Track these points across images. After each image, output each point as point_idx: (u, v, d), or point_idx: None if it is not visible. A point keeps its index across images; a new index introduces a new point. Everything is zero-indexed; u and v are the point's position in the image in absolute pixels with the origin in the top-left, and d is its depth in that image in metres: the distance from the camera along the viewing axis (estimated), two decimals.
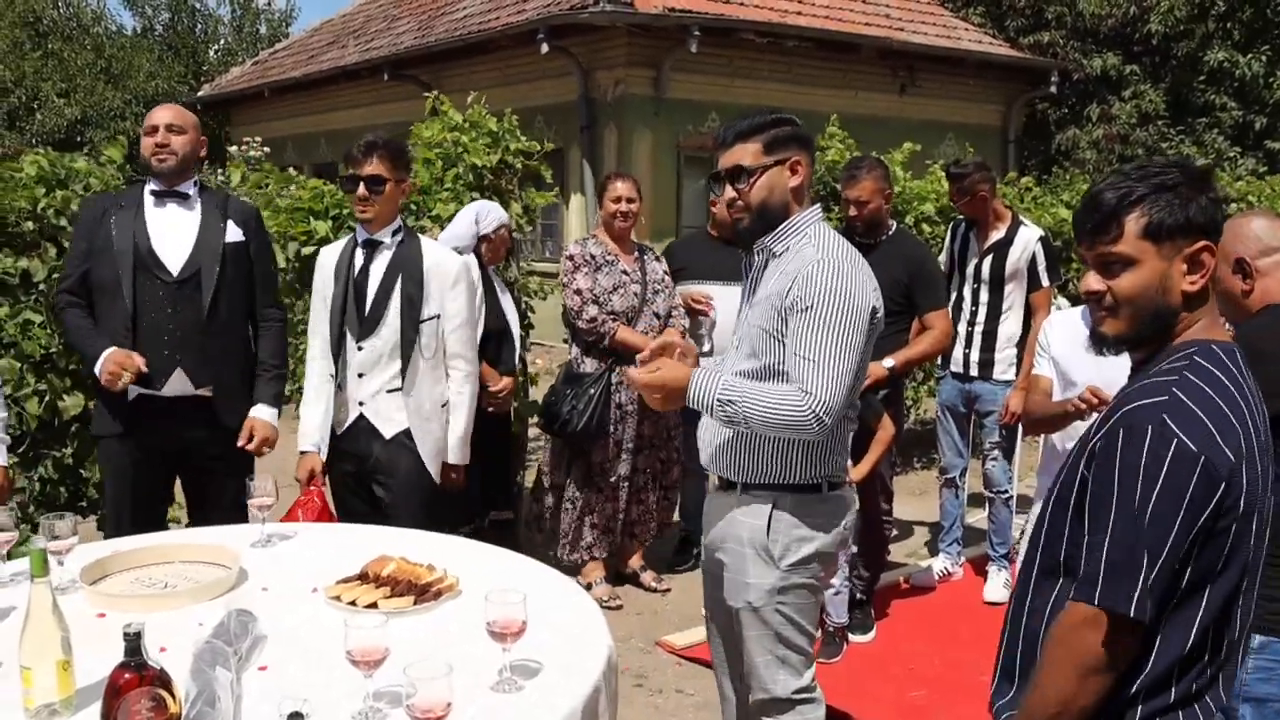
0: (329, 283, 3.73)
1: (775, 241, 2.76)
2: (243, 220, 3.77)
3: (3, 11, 19.60)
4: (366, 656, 1.96)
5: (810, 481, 2.75)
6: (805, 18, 12.58)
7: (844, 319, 2.59)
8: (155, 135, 3.61)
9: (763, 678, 2.82)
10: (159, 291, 3.58)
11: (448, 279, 3.73)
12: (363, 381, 3.68)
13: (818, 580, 2.83)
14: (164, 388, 3.59)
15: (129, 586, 2.63)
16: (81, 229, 3.69)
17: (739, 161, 2.73)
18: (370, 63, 14.57)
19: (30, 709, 1.96)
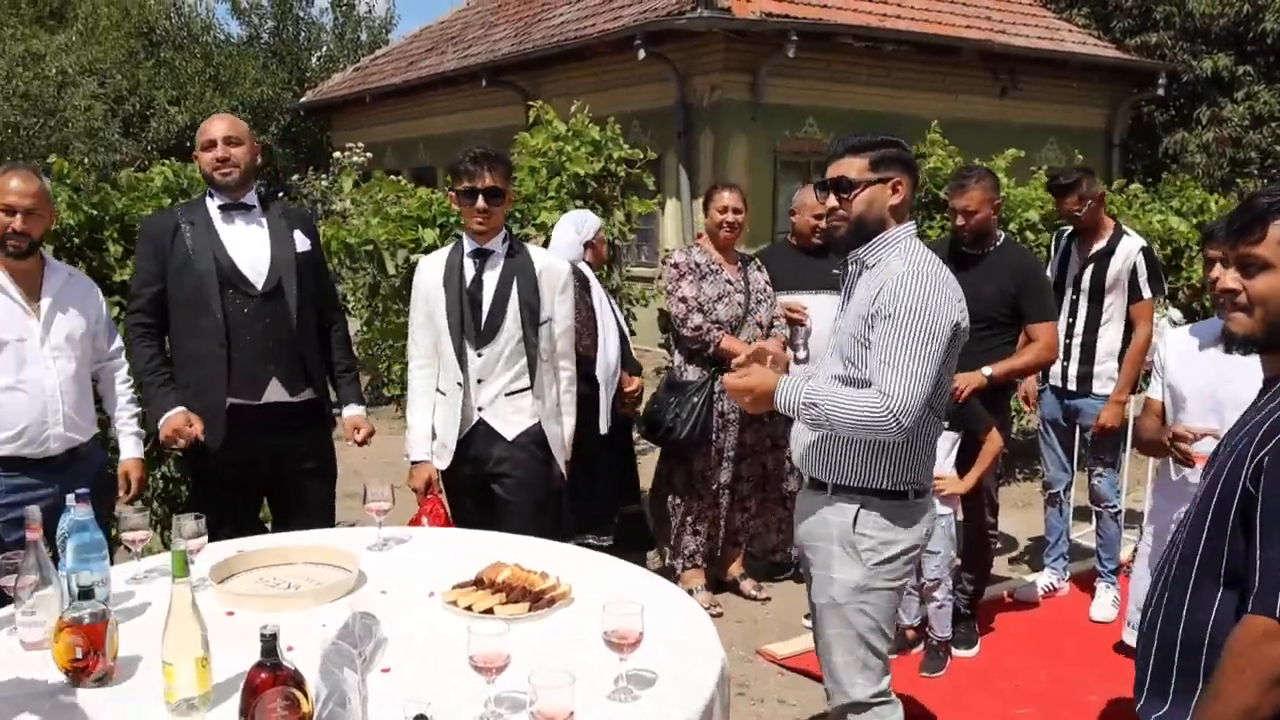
0: (435, 293, 3.79)
1: (868, 254, 2.87)
2: (306, 227, 3.89)
3: (119, 22, 20.29)
4: (489, 663, 2.00)
5: (898, 488, 2.84)
6: (905, 21, 12.46)
7: (923, 329, 2.68)
8: (215, 150, 3.68)
9: (842, 679, 2.89)
10: (246, 306, 3.69)
11: (557, 284, 3.83)
12: (481, 387, 3.75)
13: (900, 581, 2.92)
14: (262, 397, 3.71)
15: (254, 586, 2.73)
16: (148, 247, 3.75)
17: (845, 173, 2.86)
18: (468, 69, 14.78)
19: (171, 703, 2.05)
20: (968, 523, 4.61)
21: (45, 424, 3.47)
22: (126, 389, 3.80)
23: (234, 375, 3.65)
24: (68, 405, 3.51)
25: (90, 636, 2.17)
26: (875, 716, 2.89)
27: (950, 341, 2.75)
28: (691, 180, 11.88)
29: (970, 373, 4.31)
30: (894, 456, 2.81)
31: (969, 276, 4.45)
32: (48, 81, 13.58)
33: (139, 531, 2.78)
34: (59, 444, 3.51)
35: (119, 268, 4.39)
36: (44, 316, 3.47)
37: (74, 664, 2.17)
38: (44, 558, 2.39)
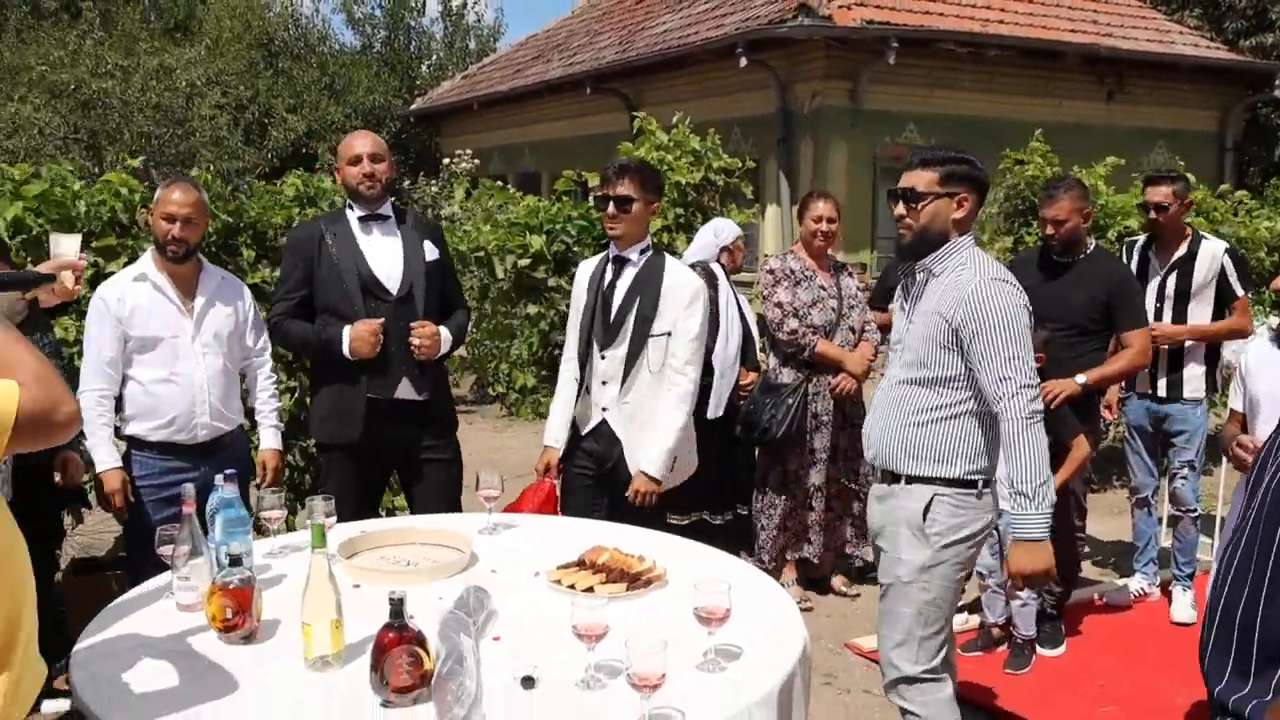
0: (581, 291, 4.03)
1: (934, 262, 3.07)
2: (435, 237, 4.15)
3: (240, 34, 21.18)
4: (590, 631, 2.22)
5: (968, 478, 3.04)
6: (1008, 26, 12.40)
7: (1009, 326, 2.93)
8: (361, 165, 3.95)
9: (894, 656, 3.08)
10: (382, 310, 3.96)
11: (683, 299, 3.88)
12: (605, 388, 3.93)
13: (962, 569, 3.11)
14: (396, 393, 4.00)
15: (377, 562, 2.99)
16: (295, 256, 4.04)
17: (914, 185, 3.07)
18: (573, 77, 15.12)
19: (309, 659, 2.32)
20: (1056, 525, 4.68)
21: (194, 414, 3.81)
22: (269, 384, 4.13)
23: (371, 373, 3.93)
24: (215, 397, 3.85)
25: (239, 599, 2.45)
26: (922, 692, 3.08)
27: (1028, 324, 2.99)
28: (791, 186, 12.00)
29: (1064, 380, 4.40)
30: (965, 448, 3.02)
31: (1059, 284, 4.58)
32: (177, 93, 14.30)
33: (275, 511, 3.07)
34: (206, 432, 3.86)
35: (251, 271, 4.74)
36: (197, 315, 3.81)
37: (225, 623, 2.45)
38: (196, 530, 2.68)
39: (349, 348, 3.87)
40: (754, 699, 2.20)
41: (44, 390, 1.87)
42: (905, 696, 3.09)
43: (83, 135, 13.71)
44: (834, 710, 4.15)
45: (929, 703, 3.07)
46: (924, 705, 3.07)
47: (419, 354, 3.94)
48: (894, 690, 3.13)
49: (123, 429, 3.86)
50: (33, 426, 1.84)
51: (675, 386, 3.89)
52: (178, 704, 2.17)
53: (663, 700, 2.10)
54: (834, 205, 5.03)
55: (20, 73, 16.87)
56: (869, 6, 11.47)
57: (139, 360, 3.79)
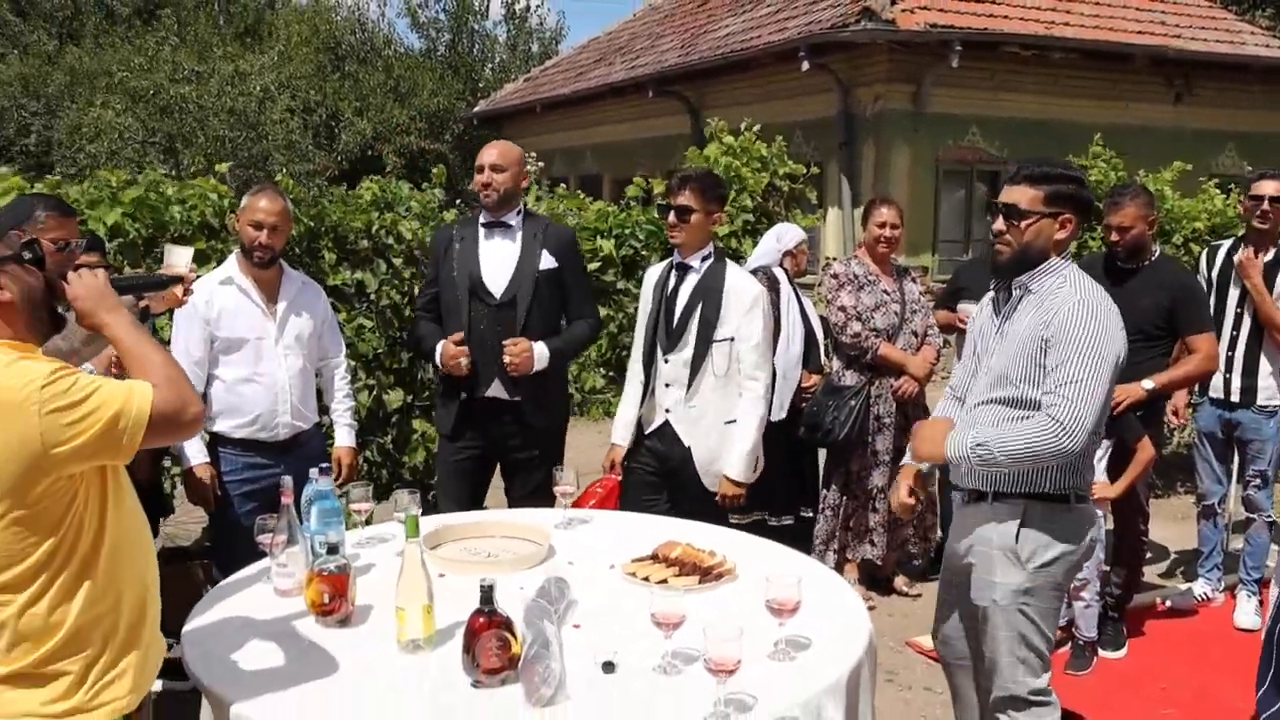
0: (647, 295, 4.17)
1: (1032, 280, 3.00)
2: (557, 248, 4.25)
3: (308, 39, 21.62)
4: (668, 619, 2.34)
5: (1058, 493, 2.99)
6: (1073, 28, 12.32)
7: (1095, 356, 2.85)
8: (482, 174, 4.15)
9: (1005, 676, 3.05)
10: (484, 312, 4.14)
11: (744, 304, 4.00)
12: (669, 391, 4.06)
13: (1061, 586, 3.05)
14: (486, 392, 4.16)
15: (460, 553, 3.15)
16: (431, 257, 4.37)
17: (1017, 201, 2.99)
18: (635, 79, 15.24)
19: (402, 642, 2.47)
20: (1118, 528, 4.74)
21: (276, 412, 3.99)
22: (345, 384, 4.31)
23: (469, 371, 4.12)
24: (295, 396, 4.02)
25: (336, 585, 2.61)
26: (1033, 715, 3.05)
27: (1116, 366, 2.92)
28: (853, 190, 12.04)
29: (1130, 384, 4.44)
30: (1054, 465, 2.94)
31: (1124, 290, 4.60)
32: (250, 98, 14.68)
33: (364, 504, 3.24)
34: (286, 430, 4.03)
35: (332, 274, 4.92)
36: (279, 318, 3.99)
37: (322, 607, 2.61)
38: (294, 520, 2.85)
39: (439, 360, 4.13)
40: (823, 687, 2.32)
41: (174, 391, 2.04)
42: (1013, 718, 3.07)
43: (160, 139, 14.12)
44: (895, 706, 4.24)
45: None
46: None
47: (511, 370, 4.09)
48: (1003, 711, 3.09)
49: (208, 426, 4.03)
50: (164, 424, 2.02)
51: (748, 391, 4.01)
52: (282, 681, 2.33)
53: (736, 686, 2.22)
54: (897, 211, 5.11)
55: (98, 78, 17.41)
56: (932, 10, 11.47)
57: (225, 360, 3.96)
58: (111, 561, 2.10)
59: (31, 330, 2.09)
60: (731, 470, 3.99)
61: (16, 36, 21.51)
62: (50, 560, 2.00)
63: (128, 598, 2.16)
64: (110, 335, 2.15)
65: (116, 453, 1.99)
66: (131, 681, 2.16)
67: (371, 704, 2.24)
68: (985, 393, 3.06)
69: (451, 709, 2.22)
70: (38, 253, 2.10)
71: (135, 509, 2.23)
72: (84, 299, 2.14)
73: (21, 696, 2.05)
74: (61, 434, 1.91)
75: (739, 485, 4.00)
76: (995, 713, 3.11)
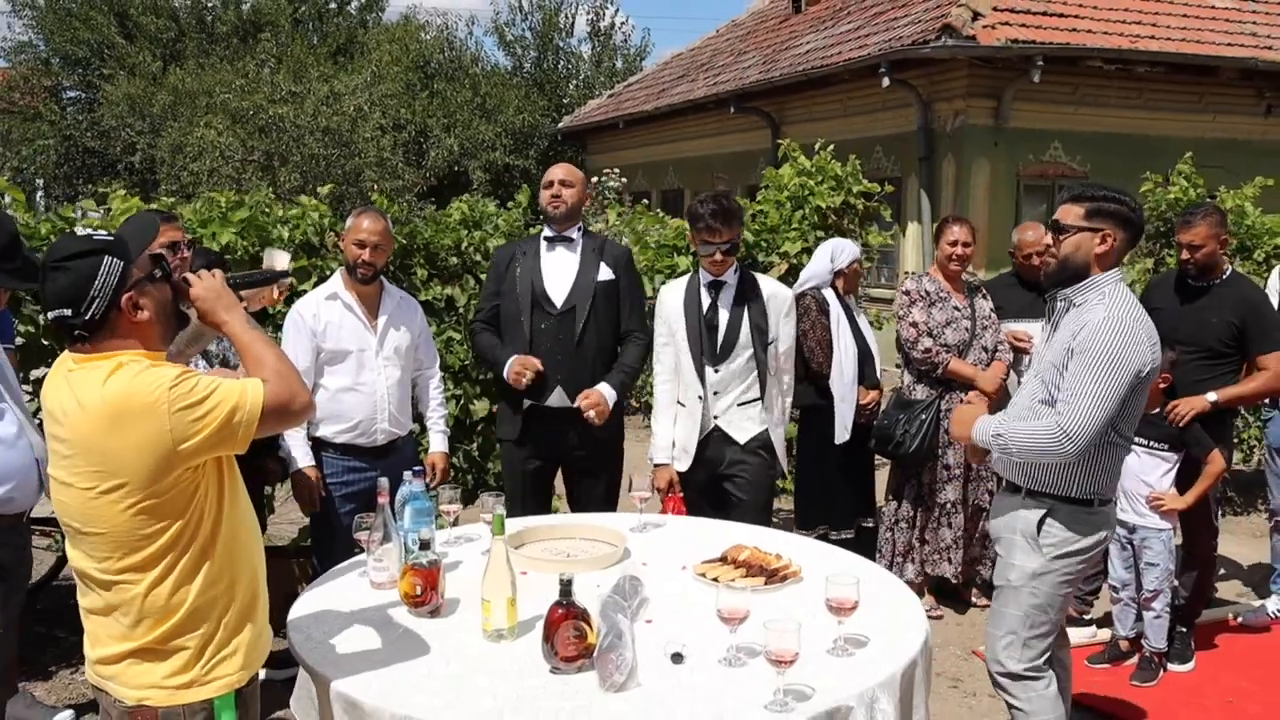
0: (675, 317, 4.35)
1: (1076, 293, 3.25)
2: (614, 262, 4.49)
3: (399, 58, 22.18)
4: (733, 615, 2.52)
5: (1083, 496, 3.24)
6: (1159, 41, 12.19)
7: (1108, 371, 3.07)
8: (552, 189, 4.41)
9: (998, 652, 3.33)
10: (545, 322, 4.36)
11: (782, 309, 4.35)
12: (717, 399, 4.30)
13: (1071, 581, 3.32)
14: (548, 400, 4.37)
15: (541, 553, 3.36)
16: (493, 272, 4.56)
17: (1062, 218, 3.28)
18: (717, 95, 15.41)
19: (488, 632, 2.68)
20: (1187, 541, 4.79)
21: (375, 419, 4.25)
22: (439, 394, 4.55)
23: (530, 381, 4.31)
24: (393, 405, 4.28)
25: (428, 578, 2.83)
26: (1025, 688, 3.30)
27: (1135, 381, 3.11)
28: (933, 205, 12.05)
29: (1195, 397, 4.51)
30: (1081, 469, 3.21)
31: (1194, 307, 4.69)
32: (344, 117, 15.18)
33: (453, 505, 3.46)
34: (384, 436, 4.29)
35: (424, 289, 5.18)
36: (380, 331, 4.25)
37: (414, 598, 2.84)
38: (389, 518, 3.08)
39: (508, 372, 4.32)
40: (878, 681, 2.47)
41: (284, 385, 2.28)
42: (1009, 691, 3.33)
43: (258, 157, 14.68)
44: (960, 712, 4.35)
45: (1032, 698, 3.29)
46: (1027, 700, 3.30)
47: (595, 421, 4.31)
48: (999, 685, 3.36)
49: (311, 431, 4.30)
50: (276, 416, 2.27)
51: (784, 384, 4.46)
52: (378, 663, 2.56)
53: (796, 678, 2.38)
54: (969, 230, 5.22)
55: (199, 98, 18.11)
56: (1013, 26, 11.46)
57: (329, 370, 4.24)
58: (227, 549, 2.34)
59: (164, 340, 2.35)
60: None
61: (123, 58, 22.44)
62: (174, 543, 2.24)
63: (241, 582, 2.39)
64: (228, 332, 2.39)
65: (234, 444, 2.23)
66: (243, 659, 2.40)
67: (459, 685, 2.45)
68: (1031, 394, 3.32)
69: (531, 692, 2.42)
70: (166, 269, 2.36)
71: (247, 506, 2.48)
72: (204, 299, 2.38)
73: (145, 670, 2.30)
74: (188, 430, 2.16)
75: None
76: (995, 687, 3.39)
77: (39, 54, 24.95)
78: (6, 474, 3.19)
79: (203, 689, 2.32)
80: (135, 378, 2.17)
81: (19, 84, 23.68)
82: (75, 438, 2.19)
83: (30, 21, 24.63)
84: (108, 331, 2.23)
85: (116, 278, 2.21)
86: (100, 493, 2.18)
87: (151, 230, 2.43)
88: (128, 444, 2.14)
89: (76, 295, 2.19)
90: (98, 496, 2.18)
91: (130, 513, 2.19)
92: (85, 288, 2.19)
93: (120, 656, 2.29)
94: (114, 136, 20.38)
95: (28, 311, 4.47)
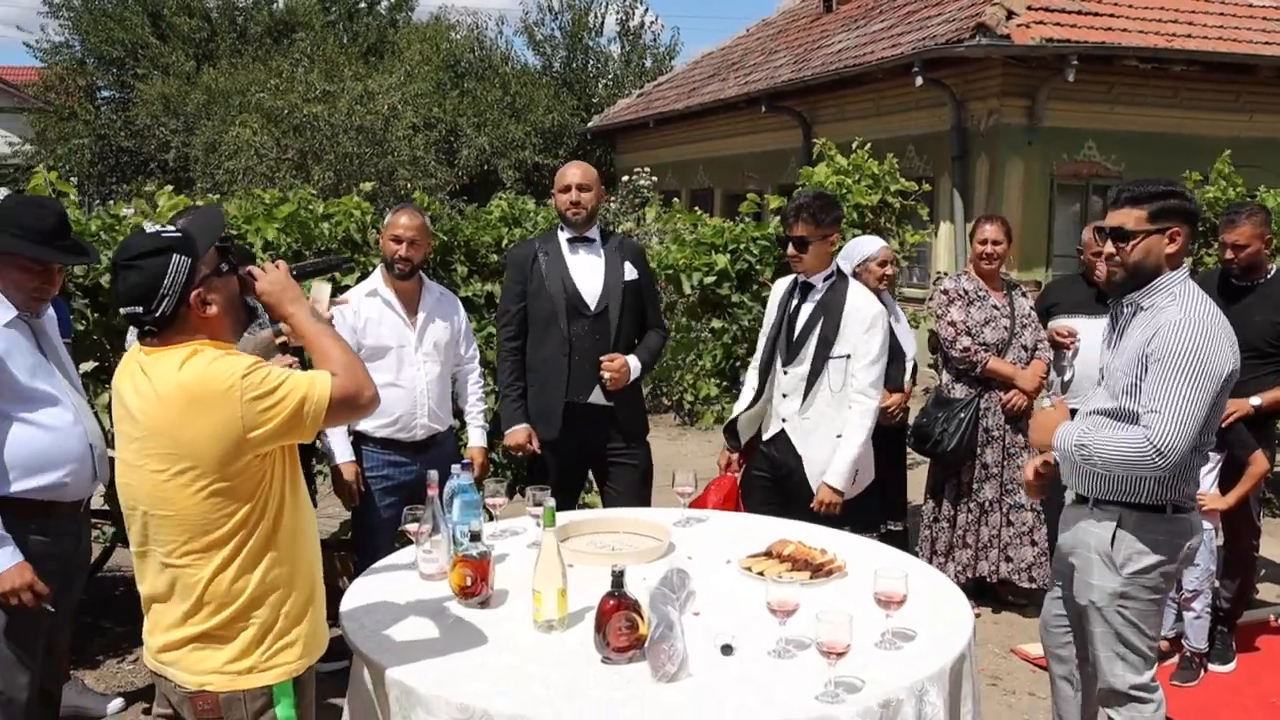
0: (772, 310, 4.36)
1: (1143, 297, 3.10)
2: (634, 259, 4.51)
3: (429, 57, 22.31)
4: (783, 607, 2.54)
5: (1155, 503, 3.10)
6: (1195, 40, 12.10)
7: (1195, 375, 2.92)
8: (569, 194, 4.37)
9: (1104, 670, 3.20)
10: (581, 324, 4.38)
11: (864, 323, 4.14)
12: (786, 401, 4.25)
13: (1158, 592, 3.16)
14: (589, 398, 4.40)
15: (587, 546, 3.38)
16: (515, 271, 4.50)
17: (1123, 224, 3.09)
18: (748, 95, 15.42)
19: (538, 622, 2.71)
20: (1229, 541, 4.77)
21: (415, 415, 4.29)
22: (478, 389, 4.59)
23: (571, 379, 4.36)
24: (432, 400, 4.32)
25: (478, 569, 2.87)
26: (1133, 710, 3.19)
27: (1221, 386, 2.97)
28: (965, 204, 12.02)
29: (1238, 400, 4.49)
30: (1152, 476, 3.03)
31: (1238, 308, 4.66)
32: (378, 116, 15.28)
33: (499, 498, 3.50)
34: (423, 431, 4.33)
35: (464, 285, 5.23)
36: (419, 327, 4.29)
37: (464, 589, 2.87)
38: (439, 510, 3.12)
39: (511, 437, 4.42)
40: (927, 674, 2.49)
41: (352, 378, 2.33)
42: (1114, 711, 3.22)
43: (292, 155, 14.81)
44: (1000, 710, 4.35)
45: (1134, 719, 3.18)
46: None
47: (610, 385, 4.33)
48: (1106, 703, 3.25)
49: (352, 426, 4.34)
50: (343, 407, 2.31)
51: (858, 404, 4.14)
52: (430, 651, 2.60)
53: (846, 670, 2.40)
54: (1001, 228, 5.20)
55: (232, 97, 18.28)
56: (1048, 24, 11.41)
57: (370, 366, 4.24)
58: (289, 538, 2.39)
59: (232, 332, 2.40)
60: (831, 478, 4.12)
61: (157, 58, 22.70)
62: (241, 528, 2.29)
63: (300, 573, 2.44)
64: (294, 325, 2.43)
65: (302, 433, 2.28)
66: (302, 648, 2.44)
67: (511, 673, 2.48)
68: (1098, 404, 3.18)
69: (583, 681, 2.45)
70: (233, 262, 2.40)
71: (308, 501, 2.52)
72: (269, 293, 2.43)
73: (207, 656, 2.34)
74: (258, 418, 2.20)
75: (837, 493, 4.12)
76: (1100, 705, 3.28)
77: (74, 54, 25.26)
78: (63, 459, 3.25)
79: (263, 675, 2.37)
80: (210, 365, 2.22)
81: (55, 84, 23.98)
82: (148, 421, 2.24)
83: (66, 22, 24.94)
84: (178, 326, 2.29)
85: (185, 275, 2.26)
86: (172, 475, 2.23)
87: (218, 224, 2.47)
88: (200, 429, 2.19)
89: (147, 293, 2.24)
90: (170, 479, 2.23)
91: (201, 495, 2.24)
92: (155, 286, 2.24)
93: (183, 642, 2.33)
94: (148, 135, 20.60)
95: (77, 306, 4.54)
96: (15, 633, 3.21)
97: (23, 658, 3.25)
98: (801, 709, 2.30)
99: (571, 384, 4.37)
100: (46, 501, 3.25)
